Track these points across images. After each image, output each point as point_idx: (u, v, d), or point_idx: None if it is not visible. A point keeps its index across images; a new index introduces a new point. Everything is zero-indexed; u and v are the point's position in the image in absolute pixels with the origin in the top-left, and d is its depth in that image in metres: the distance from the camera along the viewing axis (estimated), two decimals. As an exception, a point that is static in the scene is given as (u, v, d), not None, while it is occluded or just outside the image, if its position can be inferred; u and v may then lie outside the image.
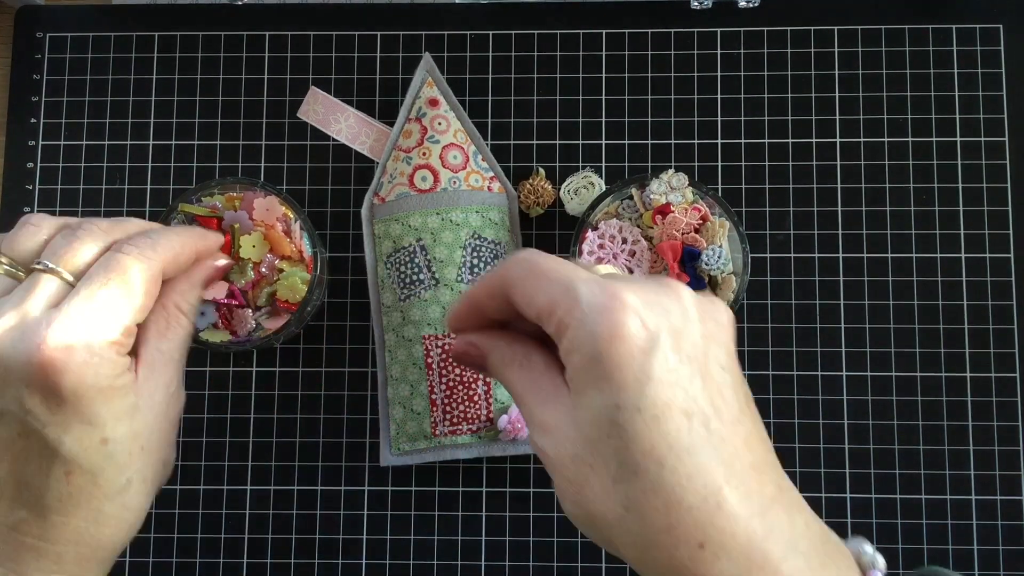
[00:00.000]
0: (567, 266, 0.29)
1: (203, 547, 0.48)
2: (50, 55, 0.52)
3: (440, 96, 0.49)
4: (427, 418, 0.47)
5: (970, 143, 0.50)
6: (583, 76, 0.51)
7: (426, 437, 0.47)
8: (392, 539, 0.48)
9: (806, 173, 0.50)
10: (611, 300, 0.27)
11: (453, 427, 0.46)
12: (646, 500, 0.26)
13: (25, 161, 0.51)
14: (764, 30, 0.51)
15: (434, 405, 0.46)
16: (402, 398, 0.47)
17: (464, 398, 0.46)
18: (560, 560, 0.48)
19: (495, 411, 0.46)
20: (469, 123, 0.50)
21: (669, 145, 0.51)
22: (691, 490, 0.26)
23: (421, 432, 0.47)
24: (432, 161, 0.48)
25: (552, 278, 0.28)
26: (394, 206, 0.48)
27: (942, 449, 0.48)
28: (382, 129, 0.50)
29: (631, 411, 0.26)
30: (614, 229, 0.46)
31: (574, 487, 0.28)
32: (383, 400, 0.48)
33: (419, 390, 0.47)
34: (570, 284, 0.28)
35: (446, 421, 0.46)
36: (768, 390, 0.49)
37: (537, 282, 0.29)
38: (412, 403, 0.47)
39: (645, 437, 0.26)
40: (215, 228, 0.45)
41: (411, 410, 0.47)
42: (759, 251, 0.50)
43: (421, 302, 0.47)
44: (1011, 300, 0.49)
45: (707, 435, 0.26)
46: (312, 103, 0.49)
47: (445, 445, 0.47)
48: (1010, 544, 0.47)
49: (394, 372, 0.47)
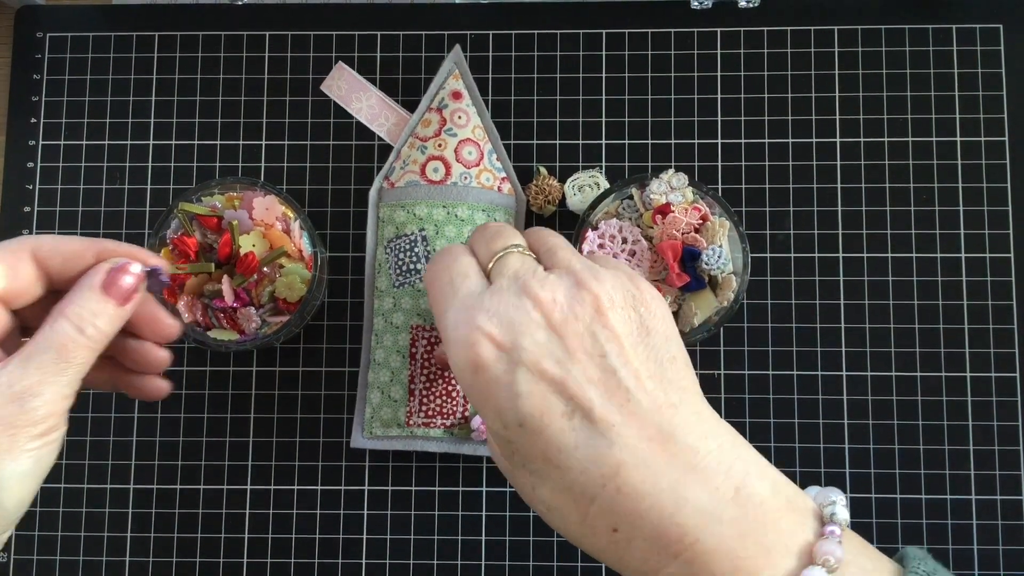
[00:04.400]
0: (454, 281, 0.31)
1: (203, 547, 0.48)
2: (50, 55, 0.52)
3: (464, 90, 0.49)
4: (403, 407, 0.47)
5: (970, 143, 0.50)
6: (583, 76, 0.51)
7: (399, 425, 0.47)
8: (392, 539, 0.48)
9: (806, 173, 0.50)
10: (468, 330, 0.28)
11: (427, 419, 0.46)
12: (558, 500, 0.27)
13: (25, 161, 0.51)
14: (764, 30, 0.51)
15: (412, 395, 0.47)
16: (381, 383, 0.47)
17: (442, 392, 0.46)
18: (560, 560, 0.48)
19: (471, 410, 0.47)
20: (489, 121, 0.50)
21: (669, 145, 0.51)
22: (588, 483, 0.27)
23: (395, 419, 0.47)
24: (446, 154, 0.48)
25: (437, 298, 0.31)
26: (402, 192, 0.48)
27: (942, 449, 0.48)
28: (402, 114, 0.49)
29: (515, 427, 0.27)
30: (614, 229, 0.46)
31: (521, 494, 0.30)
32: (362, 382, 0.48)
33: (399, 378, 0.47)
34: (445, 313, 0.30)
35: (421, 412, 0.47)
36: (768, 390, 0.49)
37: (432, 298, 0.31)
38: (390, 389, 0.47)
39: (535, 446, 0.27)
40: (215, 228, 0.45)
41: (388, 396, 0.47)
42: (759, 251, 0.50)
43: (415, 291, 0.47)
44: (1011, 300, 0.49)
45: (592, 425, 0.27)
46: (337, 78, 0.49)
47: (417, 436, 0.47)
48: (1010, 544, 0.47)
49: (377, 356, 0.48)
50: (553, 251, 0.33)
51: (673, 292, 0.46)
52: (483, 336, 0.28)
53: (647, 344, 0.29)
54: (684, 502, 0.26)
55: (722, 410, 0.49)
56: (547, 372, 0.27)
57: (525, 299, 0.28)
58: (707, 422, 0.28)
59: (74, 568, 0.48)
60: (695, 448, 0.27)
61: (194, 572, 0.48)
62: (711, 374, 0.49)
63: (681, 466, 0.26)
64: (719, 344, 0.49)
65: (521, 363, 0.27)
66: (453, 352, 0.29)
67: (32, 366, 0.30)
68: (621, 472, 0.26)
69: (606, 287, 0.29)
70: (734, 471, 0.27)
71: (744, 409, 0.48)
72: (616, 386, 0.27)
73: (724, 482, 0.27)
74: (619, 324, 0.28)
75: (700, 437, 0.27)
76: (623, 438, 0.27)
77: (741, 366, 0.49)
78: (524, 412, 0.27)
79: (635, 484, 0.26)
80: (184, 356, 0.50)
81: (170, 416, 0.49)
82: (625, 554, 0.27)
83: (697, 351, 0.49)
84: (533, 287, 0.29)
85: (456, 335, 0.28)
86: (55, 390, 0.30)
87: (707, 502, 0.26)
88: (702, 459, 0.27)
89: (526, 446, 0.27)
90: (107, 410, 0.49)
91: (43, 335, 0.30)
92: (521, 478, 0.29)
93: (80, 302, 0.31)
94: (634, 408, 0.27)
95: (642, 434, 0.27)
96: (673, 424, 0.27)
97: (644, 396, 0.27)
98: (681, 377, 0.29)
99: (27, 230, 0.51)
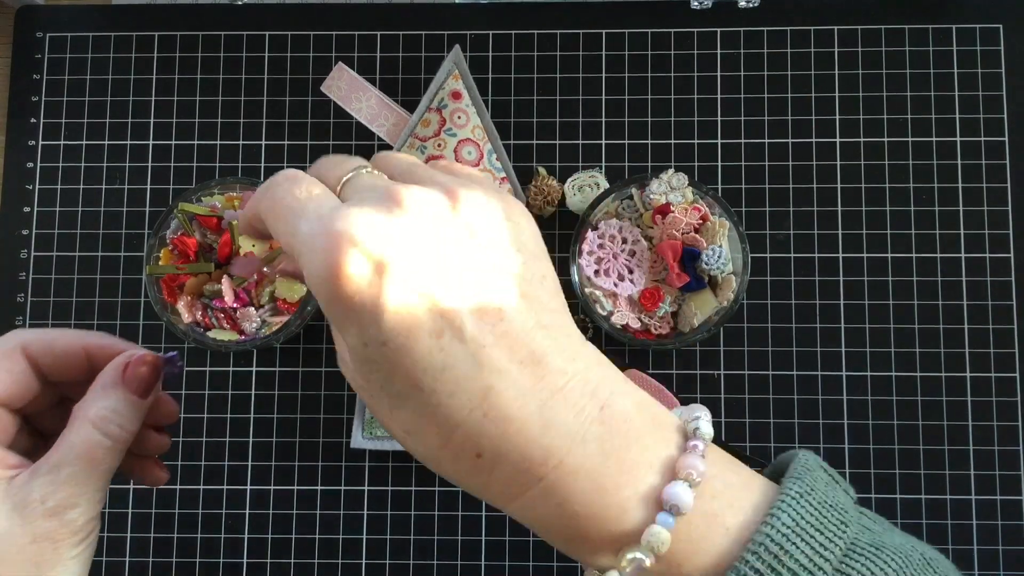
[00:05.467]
0: (301, 199, 0.27)
1: (203, 547, 0.48)
2: (50, 55, 0.52)
3: (464, 90, 0.49)
4: None
5: (970, 143, 0.50)
6: (583, 76, 0.51)
7: None
8: (392, 539, 0.48)
9: (806, 173, 0.50)
10: (328, 238, 0.24)
11: None
12: (418, 424, 0.26)
13: (25, 161, 0.51)
14: (764, 30, 0.51)
15: None
16: None
17: None
18: (560, 560, 0.48)
19: None
20: (489, 121, 0.50)
21: (669, 145, 0.51)
22: (455, 407, 0.25)
23: None
24: (446, 154, 0.48)
25: (284, 217, 0.26)
26: None
27: (942, 449, 0.48)
28: (401, 114, 0.50)
29: (377, 345, 0.25)
30: (614, 229, 0.46)
31: (375, 416, 0.27)
32: None
33: None
34: (295, 226, 0.26)
35: None
36: (768, 390, 0.49)
37: (276, 221, 0.27)
38: None
39: (399, 367, 0.25)
40: (215, 228, 0.45)
41: None
42: (759, 251, 0.50)
43: None
44: (1011, 300, 0.49)
45: (462, 346, 0.25)
46: (337, 79, 0.49)
47: None
48: (1010, 544, 0.47)
49: None
50: (411, 170, 0.29)
51: (673, 292, 0.46)
52: (347, 242, 0.24)
53: (519, 261, 0.27)
54: (550, 424, 0.25)
55: (722, 410, 0.49)
56: (417, 286, 0.25)
57: (393, 206, 0.25)
58: (575, 343, 0.27)
59: (74, 568, 0.48)
60: (563, 370, 0.26)
61: (194, 572, 0.48)
62: (711, 374, 0.49)
63: (549, 388, 0.25)
64: (719, 344, 0.49)
65: (388, 274, 0.24)
66: (309, 263, 0.25)
67: (63, 477, 0.30)
68: (490, 396, 0.25)
69: (478, 199, 0.27)
70: (600, 391, 0.26)
71: (744, 409, 0.48)
72: (488, 304, 0.25)
73: (590, 402, 0.26)
74: (493, 238, 0.26)
75: (569, 359, 0.26)
76: (493, 360, 0.25)
77: (741, 366, 0.49)
78: (389, 328, 0.24)
79: (502, 408, 0.25)
80: (184, 356, 0.50)
81: (170, 416, 0.49)
82: (489, 479, 0.26)
83: (697, 351, 0.49)
84: (401, 194, 0.26)
85: (313, 244, 0.25)
86: (88, 497, 0.30)
87: (572, 423, 0.25)
88: (569, 380, 0.26)
89: (388, 366, 0.25)
90: (107, 410, 0.49)
91: (68, 443, 0.30)
92: (378, 400, 0.26)
93: (100, 403, 0.31)
94: (506, 328, 0.25)
95: (513, 356, 0.25)
96: (544, 347, 0.26)
97: (517, 316, 0.26)
98: (551, 297, 0.27)
99: (27, 230, 0.51)
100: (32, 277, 0.50)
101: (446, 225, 0.26)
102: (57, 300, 0.50)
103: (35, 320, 0.50)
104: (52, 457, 0.30)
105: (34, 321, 0.50)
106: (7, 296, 0.50)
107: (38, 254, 0.51)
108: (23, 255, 0.51)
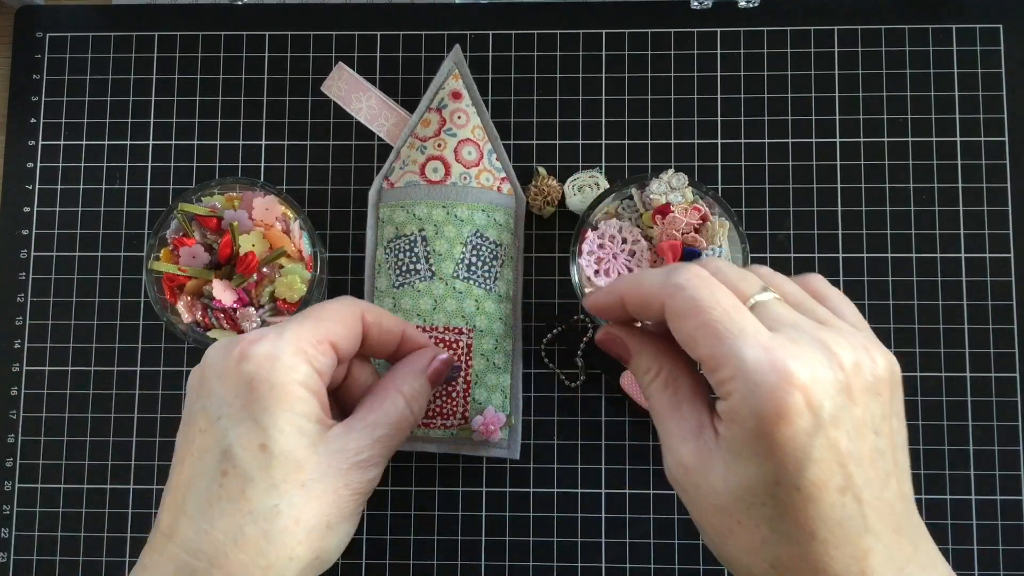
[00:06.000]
0: (731, 313, 0.28)
1: (203, 547, 0.48)
2: (50, 55, 0.52)
3: (464, 90, 0.49)
4: None
5: (970, 143, 0.50)
6: (583, 76, 0.51)
7: None
8: (392, 539, 0.48)
9: (806, 173, 0.50)
10: (779, 376, 0.26)
11: (427, 420, 0.46)
12: (794, 565, 0.27)
13: (25, 161, 0.51)
14: (764, 30, 0.51)
15: None
16: None
17: (442, 393, 0.46)
18: (560, 560, 0.48)
19: (471, 410, 0.46)
20: (489, 121, 0.49)
21: (669, 145, 0.51)
22: (839, 559, 0.27)
23: None
24: (446, 153, 0.48)
25: (715, 330, 0.28)
26: (402, 193, 0.48)
27: (942, 449, 0.48)
28: (401, 115, 0.50)
29: (789, 489, 0.27)
30: (614, 229, 0.46)
31: (717, 534, 0.29)
32: None
33: None
34: (734, 347, 0.27)
35: None
36: (768, 390, 0.49)
37: (700, 330, 0.28)
38: None
39: (801, 512, 0.27)
40: (215, 228, 0.45)
41: None
42: (759, 251, 0.50)
43: (414, 292, 0.47)
44: (1011, 300, 0.49)
45: (858, 507, 0.27)
46: (337, 79, 0.49)
47: (416, 437, 0.47)
48: (1010, 544, 0.47)
49: None
50: (813, 308, 0.31)
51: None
52: (798, 388, 0.26)
53: (903, 436, 0.29)
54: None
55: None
56: (839, 442, 0.27)
57: (834, 362, 0.27)
58: (921, 523, 0.29)
59: (74, 568, 0.48)
60: (916, 544, 0.28)
61: (194, 572, 0.48)
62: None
63: (907, 558, 0.27)
64: (719, 344, 0.49)
65: (823, 426, 0.26)
66: (754, 394, 0.27)
67: (376, 436, 0.34)
68: (868, 557, 0.27)
69: (889, 358, 0.29)
70: (933, 556, 0.29)
71: (744, 409, 0.48)
72: (881, 468, 0.27)
73: (931, 571, 0.28)
74: (896, 401, 0.29)
75: (925, 537, 0.29)
76: (875, 524, 0.27)
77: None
78: (809, 478, 0.26)
79: (875, 569, 0.27)
80: (184, 356, 0.50)
81: (170, 416, 0.49)
82: None
83: (697, 351, 0.49)
84: (831, 343, 0.28)
85: (764, 379, 0.26)
86: (384, 463, 0.35)
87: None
88: (920, 550, 0.28)
89: (788, 508, 0.27)
90: (107, 410, 0.49)
91: (384, 410, 0.35)
92: (746, 526, 0.28)
93: (412, 383, 0.36)
94: (888, 496, 0.27)
95: (887, 524, 0.27)
96: (911, 521, 0.28)
97: (894, 484, 0.28)
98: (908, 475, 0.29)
99: (27, 230, 0.51)
100: (32, 277, 0.50)
101: (868, 383, 0.28)
102: (57, 300, 0.50)
103: (35, 320, 0.50)
104: (368, 418, 0.34)
105: (34, 321, 0.50)
106: (7, 296, 0.50)
107: (38, 254, 0.51)
108: (23, 255, 0.51)
